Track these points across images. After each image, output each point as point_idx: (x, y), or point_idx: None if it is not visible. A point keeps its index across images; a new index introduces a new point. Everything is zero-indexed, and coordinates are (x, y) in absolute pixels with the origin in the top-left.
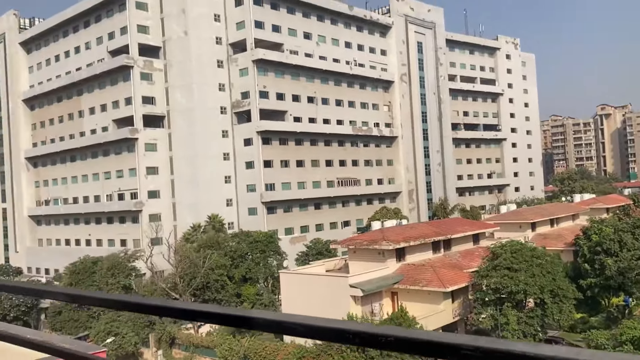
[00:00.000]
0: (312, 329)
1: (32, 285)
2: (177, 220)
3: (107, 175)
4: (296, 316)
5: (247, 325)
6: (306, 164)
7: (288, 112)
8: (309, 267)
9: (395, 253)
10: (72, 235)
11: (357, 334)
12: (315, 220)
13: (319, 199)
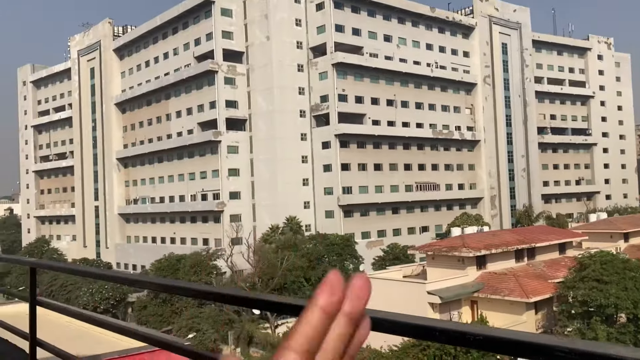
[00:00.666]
0: (397, 324)
1: (127, 275)
2: (257, 221)
3: (191, 176)
4: (381, 312)
5: None
6: (384, 167)
7: (367, 115)
8: (386, 272)
9: (476, 261)
10: (158, 233)
11: (445, 331)
12: (392, 225)
13: (396, 203)
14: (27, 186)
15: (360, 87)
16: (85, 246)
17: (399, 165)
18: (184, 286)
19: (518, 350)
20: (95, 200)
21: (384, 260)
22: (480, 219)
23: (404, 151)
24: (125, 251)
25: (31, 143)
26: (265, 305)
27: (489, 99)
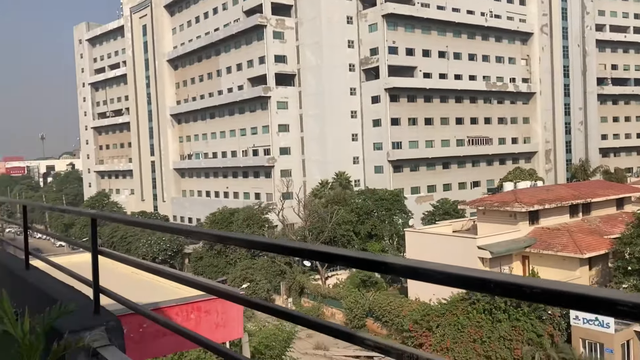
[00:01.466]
0: (450, 276)
1: (185, 227)
2: (307, 176)
3: (242, 131)
4: (433, 263)
5: (383, 270)
6: (435, 121)
7: (417, 67)
8: (435, 226)
9: (528, 216)
10: (211, 188)
11: (500, 283)
12: (442, 180)
13: (447, 158)
14: (87, 142)
15: (411, 39)
16: (143, 200)
17: (450, 119)
18: (237, 237)
19: (579, 303)
20: (151, 156)
21: (434, 215)
22: (533, 174)
23: (456, 104)
24: (181, 205)
25: (89, 100)
26: (316, 255)
27: (546, 49)
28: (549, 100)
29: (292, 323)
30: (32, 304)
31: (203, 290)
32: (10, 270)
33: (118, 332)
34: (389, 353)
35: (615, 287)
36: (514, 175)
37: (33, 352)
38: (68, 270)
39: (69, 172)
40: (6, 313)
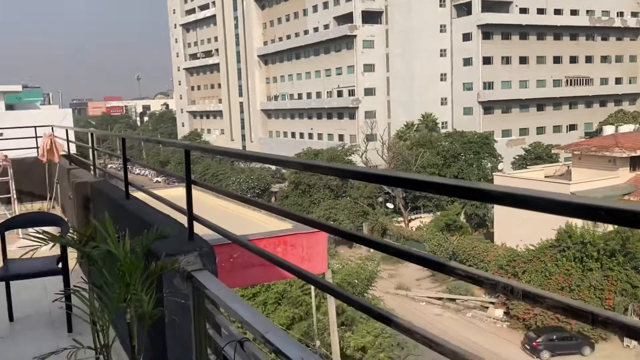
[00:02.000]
0: (555, 203)
1: (272, 156)
2: (391, 118)
3: (327, 72)
4: (533, 190)
5: (479, 198)
6: (530, 60)
7: (513, 2)
8: (527, 171)
9: (630, 162)
10: (297, 129)
11: (612, 211)
12: (536, 123)
13: (542, 99)
14: (179, 83)
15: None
16: (233, 140)
17: (547, 58)
18: (323, 165)
19: None
20: (239, 97)
21: (525, 159)
22: (638, 117)
23: (555, 42)
24: (268, 145)
25: (180, 41)
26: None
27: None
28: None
29: (381, 252)
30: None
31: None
32: (112, 200)
33: (211, 258)
34: (482, 283)
35: None
36: (616, 119)
37: (133, 270)
38: (164, 199)
39: (163, 112)
40: (109, 234)
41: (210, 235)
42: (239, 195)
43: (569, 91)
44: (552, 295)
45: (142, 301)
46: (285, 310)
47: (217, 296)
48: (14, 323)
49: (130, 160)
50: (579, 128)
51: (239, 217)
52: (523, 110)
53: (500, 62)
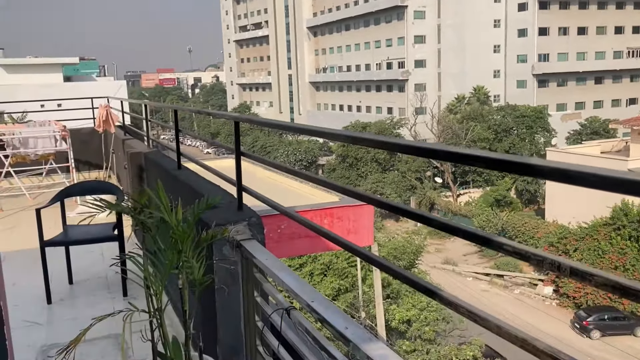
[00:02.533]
0: (607, 180)
1: (318, 128)
2: (442, 91)
3: (377, 44)
4: (584, 166)
5: (529, 173)
6: (589, 31)
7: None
8: (582, 146)
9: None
10: (345, 101)
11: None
12: (593, 97)
13: (601, 72)
14: (229, 55)
15: None
16: (281, 112)
17: (608, 28)
18: (369, 137)
19: None
20: (288, 69)
21: (580, 135)
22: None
23: (617, 11)
24: (316, 117)
25: (231, 14)
26: (452, 156)
27: None
28: None
29: (428, 226)
30: (184, 199)
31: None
32: (164, 169)
33: (259, 228)
34: (529, 259)
35: None
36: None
37: (185, 238)
38: (214, 170)
39: (214, 84)
40: (163, 203)
41: (258, 206)
42: (287, 167)
43: (631, 63)
44: (601, 273)
45: (193, 268)
46: (331, 281)
47: (265, 265)
48: (73, 286)
49: (182, 131)
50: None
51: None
52: (580, 84)
53: (557, 33)
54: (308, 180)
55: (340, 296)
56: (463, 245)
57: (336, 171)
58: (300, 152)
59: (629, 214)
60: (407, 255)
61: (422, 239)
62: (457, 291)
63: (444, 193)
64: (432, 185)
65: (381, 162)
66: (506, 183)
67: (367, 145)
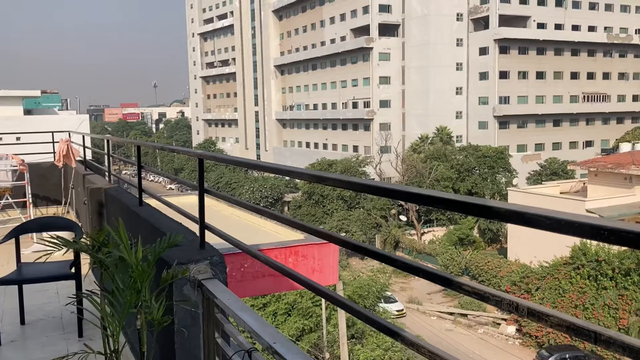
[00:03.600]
0: (559, 222)
1: (283, 167)
2: (406, 130)
3: (343, 83)
4: (541, 208)
5: (486, 214)
6: (547, 75)
7: (531, 17)
8: (542, 187)
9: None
10: (311, 139)
11: (615, 231)
12: (552, 138)
13: (559, 115)
14: (195, 91)
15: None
16: (247, 148)
17: (564, 74)
18: (334, 177)
19: None
20: (255, 106)
21: (540, 175)
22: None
23: (572, 58)
24: (282, 154)
25: (198, 50)
26: (415, 197)
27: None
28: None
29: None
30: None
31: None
32: (125, 206)
33: (222, 267)
34: (488, 299)
35: None
36: (633, 136)
37: (145, 277)
38: (177, 207)
39: (179, 120)
40: (122, 240)
41: (221, 244)
42: (251, 205)
43: (586, 107)
44: (556, 313)
45: (152, 308)
46: (295, 321)
47: (227, 305)
48: (25, 327)
49: (145, 167)
50: (596, 144)
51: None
52: (539, 126)
53: (516, 76)
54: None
55: (304, 336)
56: (427, 284)
57: (302, 208)
58: (265, 188)
59: (587, 254)
60: (372, 294)
61: (387, 277)
62: (422, 331)
63: (408, 231)
64: (397, 223)
65: (347, 199)
66: (469, 222)
67: (331, 184)
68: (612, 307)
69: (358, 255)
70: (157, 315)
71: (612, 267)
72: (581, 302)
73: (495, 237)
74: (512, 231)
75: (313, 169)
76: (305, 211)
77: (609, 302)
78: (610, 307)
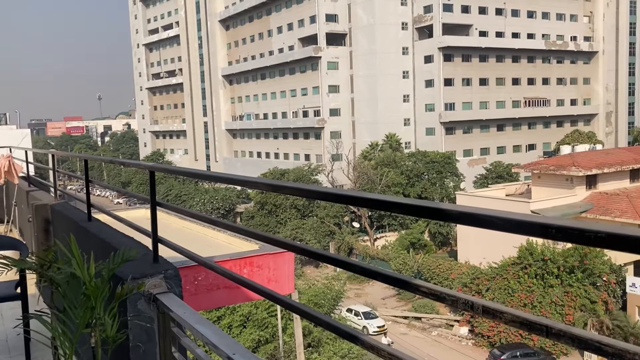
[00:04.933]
0: (509, 222)
1: (239, 177)
2: (356, 138)
3: (293, 92)
4: (491, 210)
5: (438, 217)
6: (490, 82)
7: (473, 26)
8: (488, 190)
9: (586, 180)
10: (262, 148)
11: (561, 229)
12: (496, 143)
13: (502, 120)
14: (142, 102)
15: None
16: (197, 160)
17: (506, 80)
18: (290, 186)
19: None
20: (204, 116)
21: (486, 178)
22: (593, 137)
23: (513, 64)
24: (233, 165)
25: (143, 61)
26: (370, 203)
27: (611, 5)
28: (612, 60)
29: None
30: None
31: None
32: (74, 222)
33: (176, 280)
34: (444, 300)
35: None
36: (572, 138)
37: (98, 294)
38: (128, 221)
39: (125, 132)
40: (74, 256)
41: (175, 257)
42: (204, 216)
43: (528, 112)
44: (509, 310)
45: (106, 325)
46: (251, 332)
47: (183, 319)
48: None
49: (93, 181)
50: (538, 147)
51: (204, 239)
52: (484, 131)
53: (461, 83)
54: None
55: (260, 348)
56: (382, 289)
57: (255, 219)
58: (217, 200)
59: (534, 253)
60: (328, 302)
61: (341, 284)
62: (378, 335)
63: (361, 237)
64: (350, 230)
65: (300, 208)
66: (420, 226)
67: (286, 192)
68: (559, 304)
69: (313, 263)
70: (112, 332)
71: (558, 265)
72: (530, 301)
73: (445, 240)
74: (461, 234)
75: (266, 178)
76: (259, 221)
77: (556, 299)
78: (557, 304)
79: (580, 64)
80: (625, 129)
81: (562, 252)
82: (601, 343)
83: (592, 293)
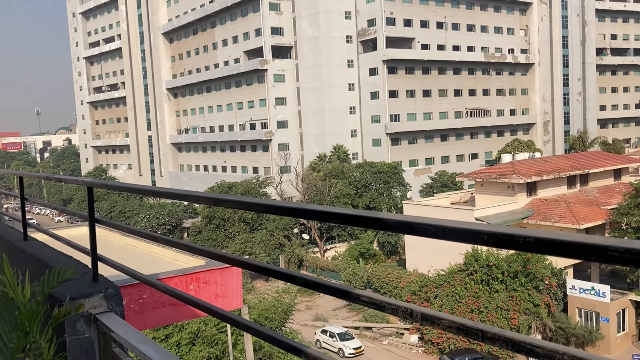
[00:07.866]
0: (444, 229)
1: (182, 192)
2: (304, 150)
3: (239, 105)
4: (427, 218)
5: (378, 226)
6: (433, 93)
7: (415, 39)
8: (433, 199)
9: (526, 187)
10: (209, 162)
11: (492, 235)
12: (441, 152)
13: (445, 130)
14: (83, 117)
15: (409, 10)
16: (141, 175)
17: (448, 91)
18: (233, 199)
19: (570, 251)
20: (148, 130)
21: (432, 187)
22: (532, 145)
23: (454, 76)
24: (179, 179)
25: (84, 75)
26: (312, 214)
27: (545, 19)
28: (548, 71)
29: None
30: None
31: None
32: (8, 242)
33: (117, 300)
34: (384, 308)
35: None
36: (512, 147)
37: (34, 317)
38: (66, 240)
39: (65, 148)
40: (7, 277)
41: (117, 276)
42: (147, 233)
43: (469, 122)
44: (446, 316)
45: (42, 349)
46: (200, 350)
47: (125, 339)
48: None
49: (29, 199)
50: (480, 156)
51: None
52: (428, 141)
53: (405, 95)
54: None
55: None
56: (332, 301)
57: (203, 233)
58: (163, 215)
59: (479, 259)
60: (278, 315)
61: (292, 297)
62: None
63: (311, 249)
64: (300, 242)
65: (249, 221)
66: (369, 236)
67: (231, 206)
68: (504, 309)
69: (263, 277)
70: (48, 356)
71: (502, 270)
72: (476, 307)
73: (394, 249)
74: (409, 242)
75: (213, 192)
76: (207, 236)
77: (501, 304)
78: (502, 309)
79: (518, 76)
80: (562, 137)
81: (506, 258)
82: (532, 345)
83: (535, 296)
